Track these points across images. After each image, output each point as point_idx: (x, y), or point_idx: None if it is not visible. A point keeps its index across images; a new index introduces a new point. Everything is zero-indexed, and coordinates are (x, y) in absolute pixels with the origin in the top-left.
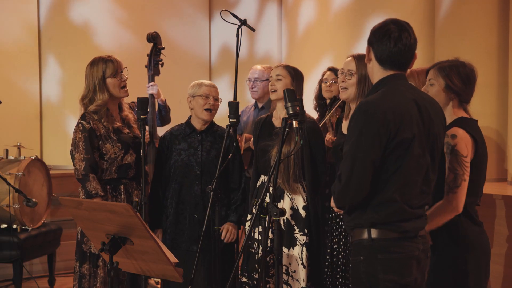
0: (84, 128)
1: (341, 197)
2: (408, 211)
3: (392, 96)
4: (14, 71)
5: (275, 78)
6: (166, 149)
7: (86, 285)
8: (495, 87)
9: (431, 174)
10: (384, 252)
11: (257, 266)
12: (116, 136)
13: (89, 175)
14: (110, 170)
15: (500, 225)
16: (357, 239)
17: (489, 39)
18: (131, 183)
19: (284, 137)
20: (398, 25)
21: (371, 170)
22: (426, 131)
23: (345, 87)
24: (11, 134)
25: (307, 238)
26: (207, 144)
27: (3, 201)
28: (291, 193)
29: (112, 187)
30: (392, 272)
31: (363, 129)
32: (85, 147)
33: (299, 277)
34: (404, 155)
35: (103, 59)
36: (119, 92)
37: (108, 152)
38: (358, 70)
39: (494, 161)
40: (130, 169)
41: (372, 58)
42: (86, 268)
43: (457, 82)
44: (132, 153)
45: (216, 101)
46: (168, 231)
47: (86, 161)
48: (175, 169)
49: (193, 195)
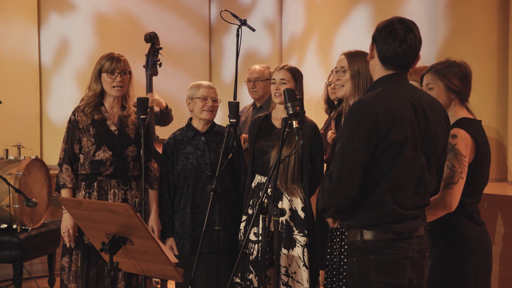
0: (70, 119)
1: (329, 195)
2: (400, 212)
3: (387, 96)
4: (14, 71)
5: (279, 82)
6: (171, 155)
7: (65, 276)
8: (495, 86)
9: (427, 175)
10: (376, 253)
11: (251, 266)
12: (94, 130)
13: (63, 166)
14: (85, 164)
15: (500, 225)
16: (351, 240)
17: (489, 39)
18: (109, 181)
19: (284, 137)
20: (405, 25)
21: (360, 170)
22: (422, 133)
23: (341, 84)
24: (11, 134)
25: (308, 239)
26: (213, 144)
27: (3, 201)
28: (289, 194)
29: (87, 184)
30: (384, 273)
31: (354, 129)
32: (67, 137)
33: (300, 278)
34: (396, 156)
35: (108, 54)
36: (110, 90)
37: (84, 145)
38: (350, 66)
39: (494, 161)
40: (103, 166)
41: (375, 56)
42: (66, 261)
43: (456, 82)
44: (106, 150)
45: (215, 102)
46: (186, 236)
47: (64, 151)
48: (186, 173)
49: (207, 198)
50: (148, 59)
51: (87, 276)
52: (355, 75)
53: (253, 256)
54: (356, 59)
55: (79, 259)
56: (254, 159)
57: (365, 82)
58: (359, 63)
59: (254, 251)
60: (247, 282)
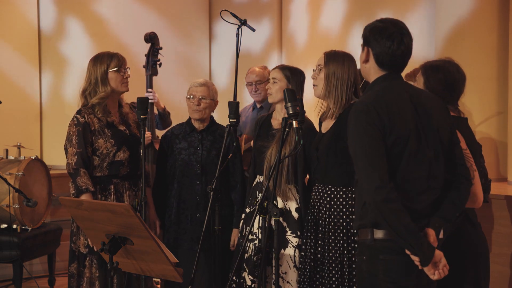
0: (78, 122)
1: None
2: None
3: (386, 95)
4: (14, 71)
5: (271, 81)
6: (167, 148)
7: (74, 284)
8: (495, 87)
9: (435, 168)
10: (386, 253)
11: (245, 264)
12: (110, 131)
13: (80, 170)
14: (102, 166)
15: (500, 225)
16: (361, 238)
17: (489, 39)
18: (123, 183)
19: (284, 137)
20: (399, 28)
21: (384, 158)
22: (424, 126)
23: (315, 84)
24: (11, 134)
25: (300, 240)
26: (207, 143)
27: (3, 201)
28: (283, 196)
29: (102, 187)
30: (392, 273)
31: (362, 129)
32: (78, 141)
33: (290, 279)
34: (402, 152)
35: (108, 53)
36: (120, 87)
37: (100, 147)
38: (326, 66)
39: (494, 161)
40: (122, 166)
41: (370, 59)
42: (74, 267)
43: (434, 84)
44: (125, 150)
45: (203, 100)
46: (170, 230)
47: (78, 155)
48: (176, 168)
49: (194, 194)
50: (148, 59)
51: (105, 282)
52: (329, 75)
53: (247, 255)
54: (334, 60)
55: (94, 265)
56: (254, 159)
57: (339, 84)
58: (336, 64)
59: (249, 250)
60: (240, 280)
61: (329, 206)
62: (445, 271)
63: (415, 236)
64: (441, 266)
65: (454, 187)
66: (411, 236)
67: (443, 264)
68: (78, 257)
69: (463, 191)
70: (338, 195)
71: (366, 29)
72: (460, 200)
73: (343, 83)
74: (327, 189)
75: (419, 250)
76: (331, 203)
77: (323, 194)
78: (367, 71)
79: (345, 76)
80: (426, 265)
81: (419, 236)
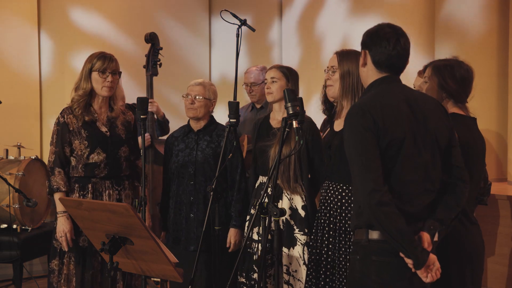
0: (59, 121)
1: (368, 193)
2: (406, 212)
3: (382, 97)
4: (14, 71)
5: (270, 81)
6: (168, 151)
7: (54, 279)
8: (495, 87)
9: (432, 172)
10: (379, 255)
11: (255, 266)
12: (86, 132)
13: (55, 169)
14: (77, 167)
15: (502, 225)
16: (356, 238)
17: (489, 39)
18: (103, 182)
19: (284, 137)
20: (395, 30)
21: (378, 160)
22: (422, 129)
23: (331, 84)
24: (11, 134)
25: (308, 237)
26: (203, 143)
27: (3, 201)
28: (290, 193)
29: (80, 186)
30: (384, 274)
31: (357, 132)
32: (57, 140)
33: (301, 276)
34: (397, 155)
35: (100, 53)
36: (100, 89)
37: (76, 148)
38: (340, 66)
39: (494, 161)
40: (98, 168)
41: (368, 61)
42: (55, 263)
43: (450, 83)
44: (100, 153)
45: (197, 98)
46: (170, 230)
47: (56, 154)
48: (173, 170)
49: (188, 195)
50: (148, 59)
51: (82, 279)
52: (344, 75)
53: (257, 256)
54: (347, 59)
55: (72, 262)
56: (256, 160)
57: (355, 82)
58: (350, 63)
59: (258, 251)
60: (251, 281)
61: (340, 204)
62: (437, 274)
63: (409, 239)
64: (434, 269)
65: (450, 189)
66: (404, 240)
67: (436, 268)
68: (59, 253)
69: (459, 194)
70: (350, 193)
71: (364, 34)
72: (456, 203)
73: (357, 81)
74: (338, 187)
75: (413, 254)
76: (342, 201)
77: (334, 192)
78: (365, 75)
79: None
80: (419, 269)
81: (413, 240)
